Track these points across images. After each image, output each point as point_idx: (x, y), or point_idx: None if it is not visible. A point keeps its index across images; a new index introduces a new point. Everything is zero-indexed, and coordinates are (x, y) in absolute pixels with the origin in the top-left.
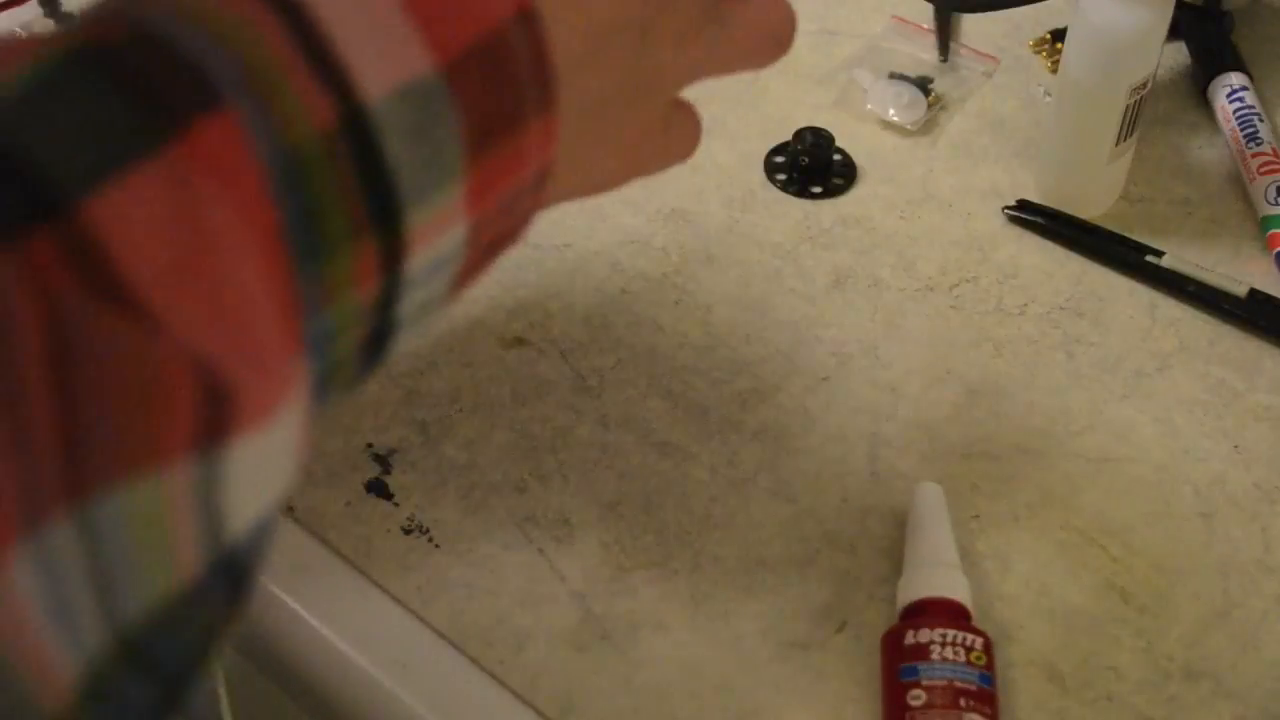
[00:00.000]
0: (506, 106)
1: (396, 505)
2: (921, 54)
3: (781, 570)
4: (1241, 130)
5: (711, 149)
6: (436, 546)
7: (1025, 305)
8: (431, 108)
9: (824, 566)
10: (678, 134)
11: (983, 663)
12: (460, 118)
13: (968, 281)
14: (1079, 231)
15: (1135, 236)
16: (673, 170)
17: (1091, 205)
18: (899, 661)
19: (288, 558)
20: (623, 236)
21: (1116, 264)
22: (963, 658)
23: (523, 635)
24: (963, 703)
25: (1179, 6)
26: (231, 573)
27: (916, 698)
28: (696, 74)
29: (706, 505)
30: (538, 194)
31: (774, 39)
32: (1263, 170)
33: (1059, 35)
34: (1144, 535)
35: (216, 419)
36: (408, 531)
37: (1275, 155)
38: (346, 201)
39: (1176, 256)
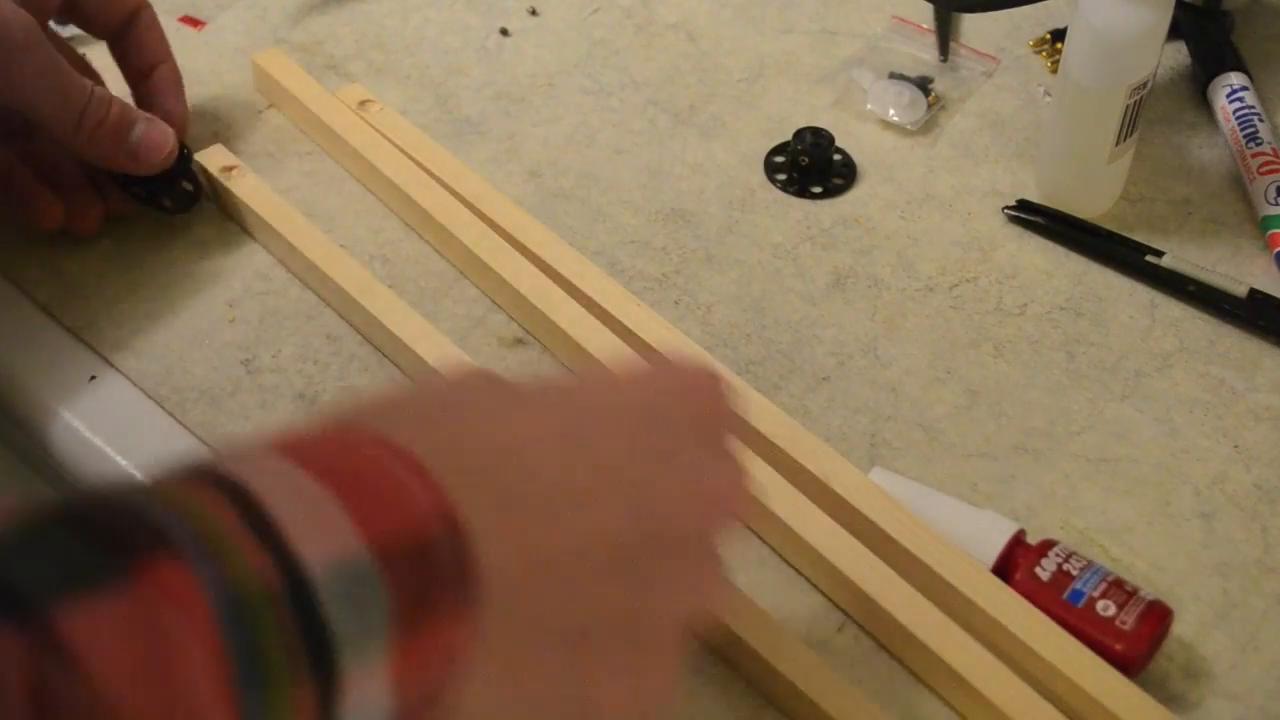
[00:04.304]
0: (429, 599)
1: None
2: (921, 54)
3: (782, 570)
4: (1241, 130)
5: (711, 149)
6: None
7: (1025, 305)
8: (362, 582)
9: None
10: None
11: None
12: (388, 595)
13: (968, 281)
14: (1079, 231)
15: (1135, 236)
16: (673, 170)
17: (1091, 205)
18: (1058, 595)
19: None
20: (623, 236)
21: (1116, 264)
22: (1084, 560)
23: None
24: (1128, 586)
25: (1179, 6)
26: None
27: (1105, 608)
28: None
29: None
30: (450, 690)
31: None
32: (1263, 170)
33: (1059, 35)
34: (1144, 535)
35: None
36: None
37: (1275, 155)
38: (287, 646)
39: (1176, 256)
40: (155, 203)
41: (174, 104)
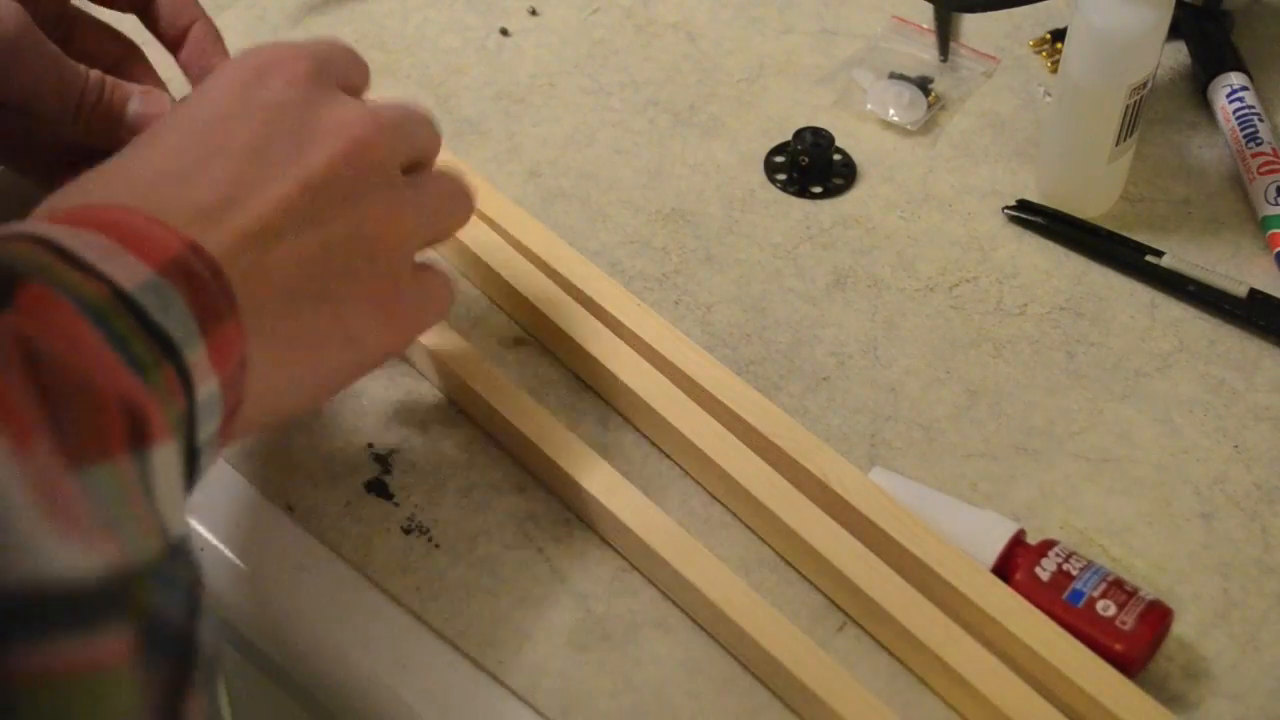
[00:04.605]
0: (212, 308)
1: (396, 505)
2: (921, 54)
3: (781, 570)
4: (1241, 130)
5: (711, 149)
6: (436, 546)
7: (1025, 305)
8: (166, 297)
9: None
10: (424, 298)
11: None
12: (185, 302)
13: (968, 281)
14: (1079, 231)
15: (1135, 236)
16: (673, 170)
17: (1091, 205)
18: (1058, 595)
19: (288, 557)
20: (623, 236)
21: (1116, 264)
22: (1084, 560)
23: (523, 635)
24: (1128, 586)
25: (1179, 6)
26: (184, 561)
27: (1106, 608)
28: (414, 238)
29: (707, 505)
30: (244, 384)
31: (464, 199)
32: (1263, 170)
33: (1059, 35)
34: (1144, 535)
35: (139, 431)
36: (408, 531)
37: (1275, 155)
38: (145, 342)
39: (1176, 256)
40: None
41: (218, 62)
